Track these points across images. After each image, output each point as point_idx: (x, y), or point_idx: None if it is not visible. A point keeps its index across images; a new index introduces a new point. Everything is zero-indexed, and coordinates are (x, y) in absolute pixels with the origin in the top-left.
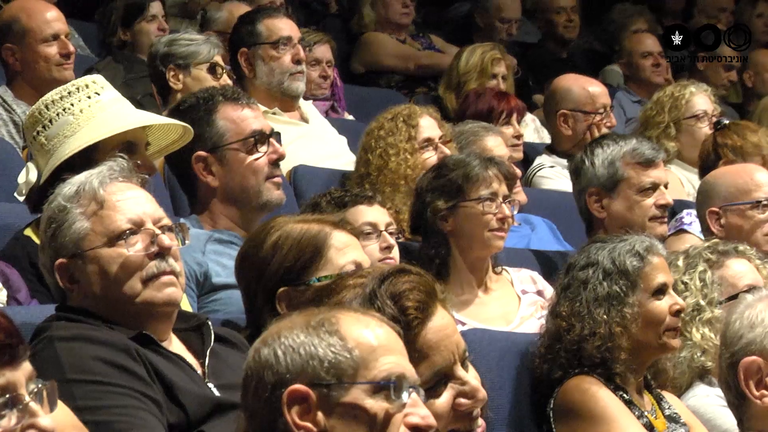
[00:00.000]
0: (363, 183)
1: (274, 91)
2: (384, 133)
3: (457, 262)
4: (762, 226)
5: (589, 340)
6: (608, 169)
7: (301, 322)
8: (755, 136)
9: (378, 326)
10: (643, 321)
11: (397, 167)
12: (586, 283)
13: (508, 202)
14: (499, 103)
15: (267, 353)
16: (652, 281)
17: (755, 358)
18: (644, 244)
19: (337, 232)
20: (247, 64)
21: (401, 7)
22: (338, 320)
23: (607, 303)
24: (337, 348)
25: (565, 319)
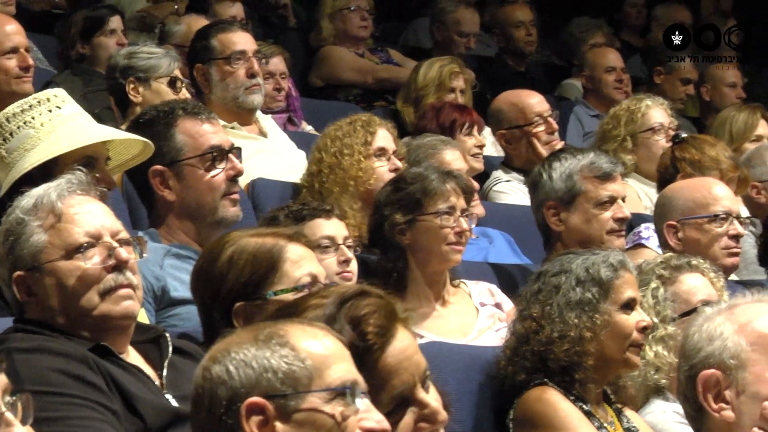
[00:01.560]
0: (313, 182)
1: (230, 106)
2: (341, 134)
3: (415, 276)
4: (719, 239)
5: (558, 342)
6: (566, 183)
7: (249, 337)
8: (713, 150)
9: (324, 336)
10: (610, 332)
11: (349, 167)
12: (558, 288)
13: (465, 215)
14: (462, 115)
15: (218, 370)
16: (621, 294)
17: (714, 372)
18: (618, 257)
19: (292, 245)
20: (203, 79)
21: (359, 20)
22: (286, 332)
23: (579, 308)
24: (290, 359)
25: (536, 320)
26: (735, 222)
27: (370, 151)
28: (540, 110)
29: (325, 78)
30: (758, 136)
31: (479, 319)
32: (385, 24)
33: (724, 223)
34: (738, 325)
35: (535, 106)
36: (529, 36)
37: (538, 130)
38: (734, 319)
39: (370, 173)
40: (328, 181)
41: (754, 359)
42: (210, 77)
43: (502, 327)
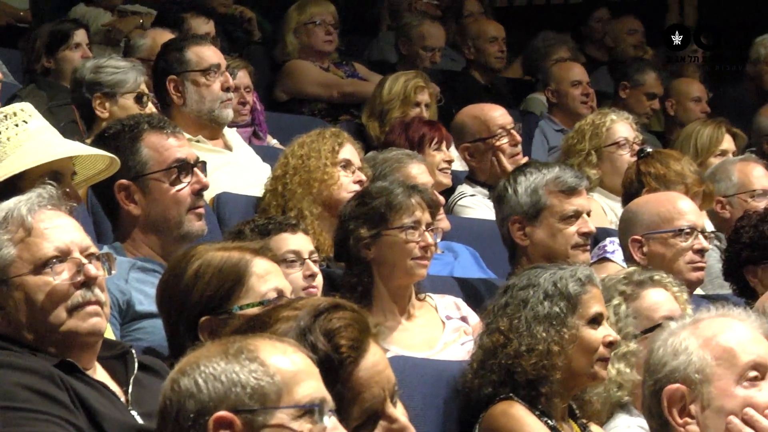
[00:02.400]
0: (276, 185)
1: (204, 119)
2: (310, 141)
3: (380, 290)
4: (684, 254)
5: (525, 356)
6: (531, 197)
7: (218, 351)
8: (678, 165)
9: (294, 352)
10: (577, 346)
11: (315, 169)
12: (526, 302)
13: (431, 230)
14: (431, 130)
15: (187, 382)
16: (589, 309)
17: (679, 386)
18: (585, 272)
19: (258, 259)
20: (176, 91)
21: (324, 35)
22: (256, 347)
23: (547, 322)
24: (259, 374)
25: (504, 333)
26: (700, 236)
27: (336, 159)
28: (503, 123)
29: (290, 92)
30: (723, 151)
31: (445, 332)
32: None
33: (689, 238)
34: (703, 340)
35: (497, 118)
36: (501, 53)
37: (502, 143)
38: (699, 334)
39: (335, 179)
40: (292, 182)
41: (719, 374)
42: (184, 89)
43: (467, 340)
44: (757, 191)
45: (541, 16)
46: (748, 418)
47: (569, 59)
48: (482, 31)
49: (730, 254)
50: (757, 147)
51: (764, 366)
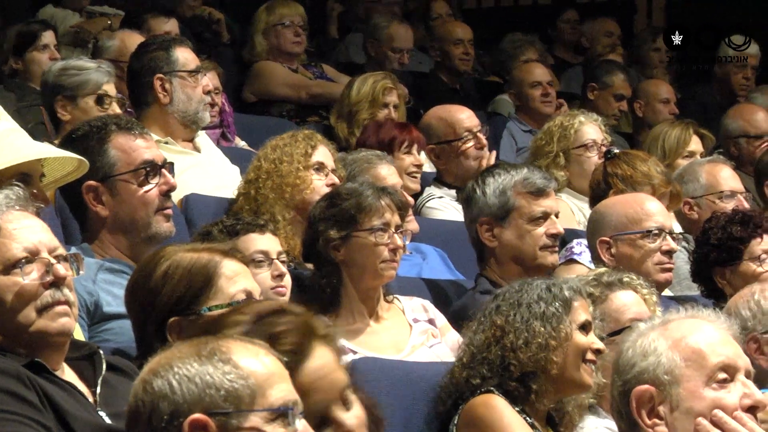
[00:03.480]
0: (249, 189)
1: (188, 119)
2: (282, 144)
3: (349, 291)
4: (652, 255)
5: (523, 348)
6: (499, 199)
7: (191, 352)
8: (645, 166)
9: (265, 355)
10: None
11: (287, 174)
12: (520, 302)
13: (400, 232)
14: (401, 133)
15: (161, 384)
16: (579, 316)
17: (647, 387)
18: (574, 283)
19: (227, 260)
20: (162, 89)
21: (293, 36)
22: (229, 349)
23: (544, 319)
24: (233, 376)
25: (500, 327)
26: (668, 237)
27: (309, 162)
28: (469, 125)
29: (258, 93)
30: (691, 152)
31: (412, 335)
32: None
33: (657, 239)
34: (672, 341)
35: (464, 121)
36: (466, 55)
37: (467, 146)
38: (668, 335)
39: (307, 183)
40: (264, 186)
41: (688, 375)
42: (172, 88)
43: (435, 343)
44: (725, 192)
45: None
46: (717, 419)
47: (537, 61)
48: (448, 32)
49: (698, 255)
50: (725, 149)
51: (733, 368)
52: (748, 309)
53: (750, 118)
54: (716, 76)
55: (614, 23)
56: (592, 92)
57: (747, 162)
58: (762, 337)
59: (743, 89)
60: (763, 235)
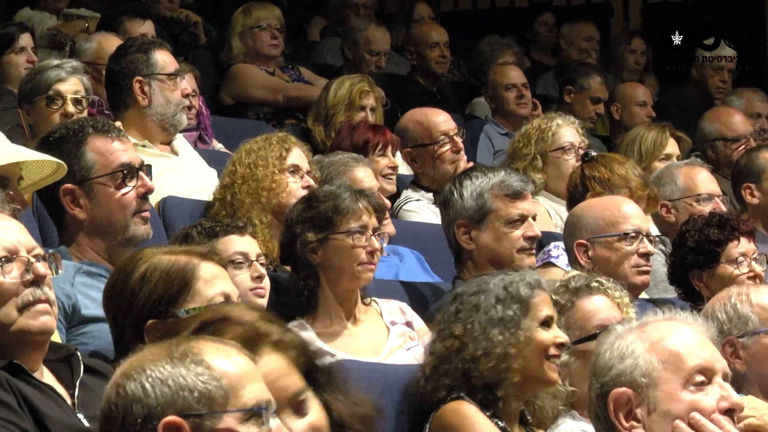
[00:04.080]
0: (225, 194)
1: (166, 122)
2: (257, 148)
3: (326, 294)
4: (629, 258)
5: (482, 360)
6: (476, 201)
7: (163, 354)
8: (622, 169)
9: (237, 355)
10: (531, 349)
11: (263, 178)
12: (478, 307)
13: (377, 234)
14: (375, 135)
15: (134, 387)
16: (540, 312)
17: (625, 390)
18: (534, 277)
19: (205, 263)
20: (141, 92)
21: (270, 38)
22: (201, 350)
23: (502, 325)
24: (206, 377)
25: (459, 338)
26: (645, 240)
27: (284, 165)
28: (446, 129)
29: (235, 96)
30: (667, 155)
31: (390, 338)
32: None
33: (634, 242)
34: (649, 343)
35: (440, 124)
36: (442, 57)
37: (443, 150)
38: (645, 337)
39: (283, 187)
40: (240, 191)
41: (666, 377)
42: (151, 91)
43: (413, 346)
44: (702, 195)
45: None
46: (695, 422)
47: (514, 63)
48: (424, 35)
49: (675, 258)
50: (701, 152)
51: (711, 370)
52: (724, 312)
53: (727, 121)
54: (693, 79)
55: (593, 27)
56: (569, 95)
57: (724, 165)
58: (738, 340)
59: (720, 92)
60: (740, 238)
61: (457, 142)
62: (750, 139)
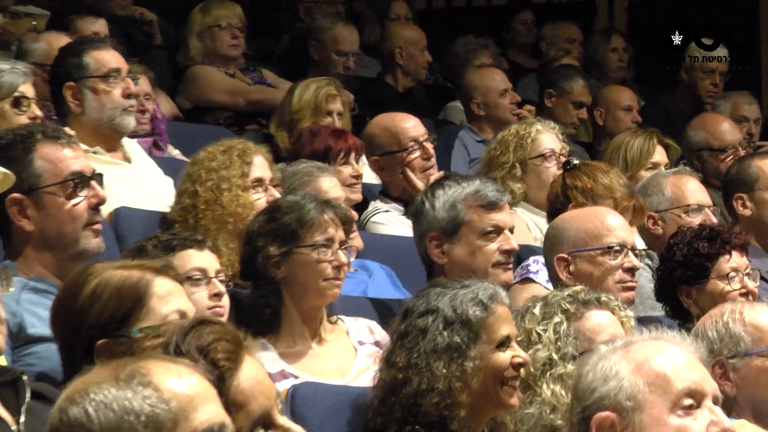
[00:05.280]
0: (187, 217)
1: (104, 128)
2: (216, 165)
3: (290, 312)
4: (613, 273)
5: (426, 395)
6: (449, 213)
7: (109, 376)
8: (606, 178)
9: (189, 374)
10: (484, 374)
11: (228, 203)
12: (425, 332)
13: (344, 248)
14: (337, 142)
15: (77, 412)
16: (495, 333)
17: (608, 414)
18: (488, 291)
19: (160, 279)
20: (74, 98)
21: (230, 38)
22: (149, 371)
23: (447, 355)
24: (153, 400)
25: (402, 370)
26: (630, 254)
27: (247, 183)
28: (415, 135)
29: (193, 100)
30: (654, 164)
31: (357, 358)
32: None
33: (619, 256)
34: (635, 364)
35: (409, 130)
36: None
37: (413, 157)
38: (630, 358)
39: (249, 209)
40: (205, 217)
41: (652, 401)
42: (83, 97)
43: None
44: (691, 206)
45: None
46: None
47: (492, 65)
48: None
49: (662, 273)
50: (688, 161)
51: (700, 393)
52: (715, 331)
53: (713, 129)
54: (682, 82)
55: (576, 28)
56: (550, 99)
57: (711, 176)
58: (728, 361)
59: (710, 96)
60: (731, 252)
61: (427, 149)
62: (738, 148)
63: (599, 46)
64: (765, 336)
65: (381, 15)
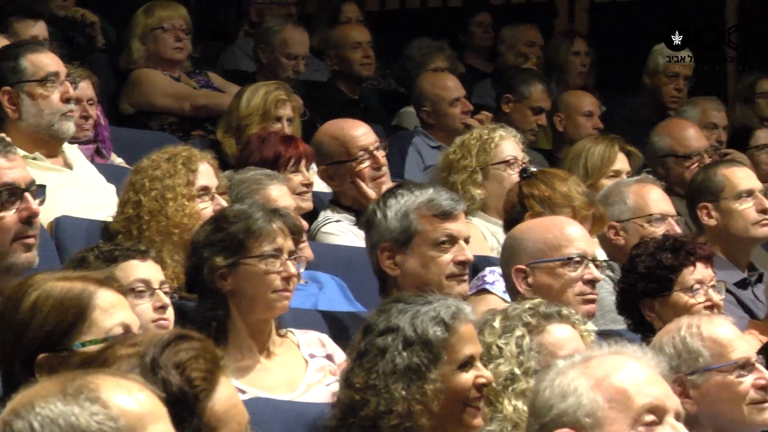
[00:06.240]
0: (130, 227)
1: (43, 134)
2: (160, 174)
3: (237, 325)
4: (573, 285)
5: (385, 417)
6: (401, 222)
7: (56, 390)
8: (564, 186)
9: (139, 391)
10: (446, 396)
11: (174, 214)
12: (384, 351)
13: (293, 258)
14: (287, 149)
15: (21, 426)
16: (458, 353)
17: (567, 431)
18: (450, 310)
19: (103, 291)
20: (10, 104)
21: (174, 41)
22: (98, 386)
23: (407, 378)
24: (101, 417)
25: (360, 391)
26: (590, 265)
27: (193, 192)
28: (365, 144)
29: (136, 104)
30: (616, 171)
31: (308, 372)
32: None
33: (579, 267)
34: (594, 380)
35: (359, 139)
36: (366, 58)
37: (363, 167)
38: (590, 374)
39: (195, 219)
40: (149, 228)
41: (612, 417)
42: (20, 101)
43: (333, 381)
44: (654, 216)
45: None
46: None
47: (447, 69)
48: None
49: (624, 285)
50: (652, 168)
51: (662, 409)
52: (672, 347)
53: (679, 135)
54: (645, 87)
55: (536, 31)
56: (507, 104)
57: (675, 183)
58: (687, 378)
59: (674, 102)
60: (696, 263)
61: (378, 159)
62: (704, 156)
63: (560, 50)
64: (724, 350)
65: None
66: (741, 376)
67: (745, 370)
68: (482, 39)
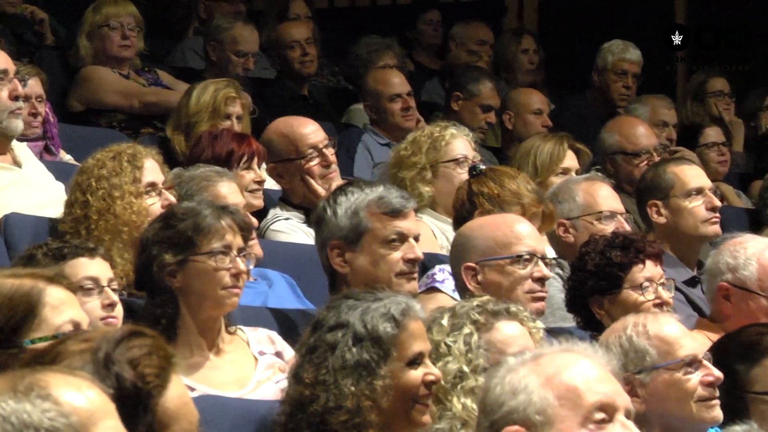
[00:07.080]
0: (79, 228)
1: None
2: (106, 173)
3: (186, 322)
4: (523, 282)
5: (334, 413)
6: (351, 220)
7: (6, 387)
8: (514, 183)
9: (89, 388)
10: (395, 393)
11: (122, 212)
12: (334, 347)
13: (243, 255)
14: (240, 146)
15: None
16: (407, 350)
17: (517, 428)
18: (400, 306)
19: (52, 287)
20: None
21: (120, 38)
22: (48, 383)
23: (356, 373)
24: (53, 414)
25: (309, 387)
26: (540, 263)
27: (140, 188)
28: (313, 142)
29: (85, 102)
30: (565, 169)
31: (258, 369)
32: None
33: (528, 265)
34: (544, 378)
35: (308, 137)
36: (305, 56)
37: (311, 165)
38: (540, 371)
39: (143, 216)
40: (98, 228)
41: (562, 415)
42: None
43: (282, 378)
44: (603, 213)
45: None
46: None
47: (395, 66)
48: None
49: (574, 283)
50: (601, 166)
51: (612, 407)
52: (619, 346)
53: (628, 132)
54: (594, 85)
55: (487, 29)
56: (456, 102)
57: (624, 181)
58: (635, 377)
59: (623, 99)
60: (645, 261)
61: (327, 156)
62: (653, 154)
63: (509, 47)
64: (671, 348)
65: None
66: (688, 373)
67: (693, 368)
68: (431, 37)
